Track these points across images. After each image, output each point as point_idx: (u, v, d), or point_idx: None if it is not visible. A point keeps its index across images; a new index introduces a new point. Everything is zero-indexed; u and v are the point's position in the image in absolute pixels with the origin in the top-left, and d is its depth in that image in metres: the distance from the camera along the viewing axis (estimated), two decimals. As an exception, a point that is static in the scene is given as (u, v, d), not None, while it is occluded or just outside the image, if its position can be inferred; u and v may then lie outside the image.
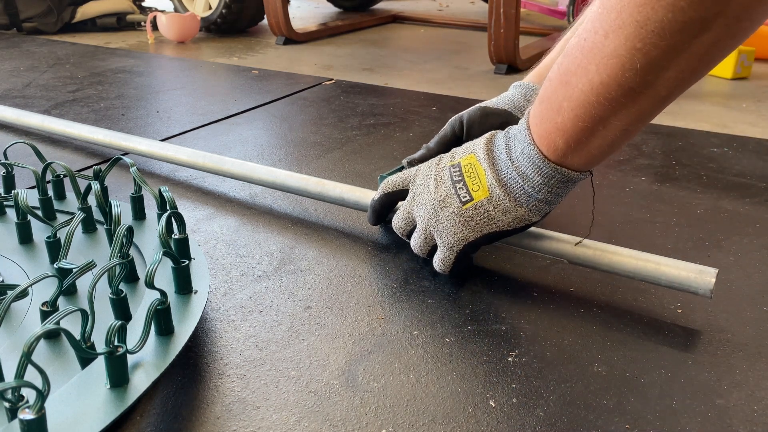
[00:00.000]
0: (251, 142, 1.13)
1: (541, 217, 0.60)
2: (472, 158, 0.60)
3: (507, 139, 0.58)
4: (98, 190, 0.64)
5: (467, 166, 0.60)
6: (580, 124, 0.50)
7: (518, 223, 0.59)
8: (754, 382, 0.52)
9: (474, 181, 0.59)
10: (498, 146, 0.59)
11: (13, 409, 0.40)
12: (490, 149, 0.59)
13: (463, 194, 0.60)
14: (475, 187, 0.59)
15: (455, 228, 0.61)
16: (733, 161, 1.04)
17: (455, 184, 0.60)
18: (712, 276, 0.58)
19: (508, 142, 0.58)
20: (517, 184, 0.57)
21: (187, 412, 0.48)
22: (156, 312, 0.49)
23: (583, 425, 0.47)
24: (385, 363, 0.54)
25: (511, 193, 0.58)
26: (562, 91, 0.50)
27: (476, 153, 0.60)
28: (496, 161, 0.58)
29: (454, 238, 0.61)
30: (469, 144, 0.63)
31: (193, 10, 2.52)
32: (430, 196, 0.62)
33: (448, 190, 0.61)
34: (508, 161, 0.57)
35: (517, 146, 0.56)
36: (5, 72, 1.72)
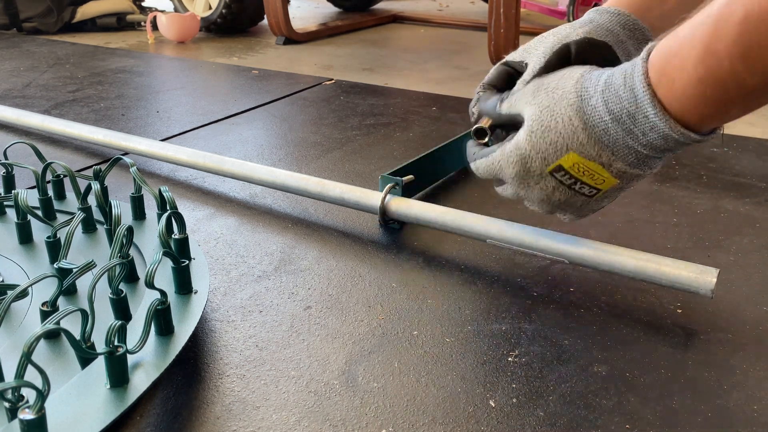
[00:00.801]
0: (251, 142, 1.13)
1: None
2: (574, 158, 0.48)
3: (612, 104, 0.44)
4: (98, 190, 0.64)
5: (574, 167, 0.48)
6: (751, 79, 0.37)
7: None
8: (754, 382, 0.52)
9: (594, 177, 0.49)
10: (604, 121, 0.45)
11: (13, 409, 0.40)
12: (595, 134, 0.46)
13: (587, 191, 0.50)
14: (599, 181, 0.49)
15: (589, 212, 0.55)
16: (733, 161, 1.04)
17: (570, 187, 0.51)
18: (713, 276, 0.58)
19: (618, 113, 0.44)
20: (643, 160, 0.47)
21: (187, 412, 0.48)
22: (156, 312, 0.49)
23: (583, 425, 0.47)
24: (385, 363, 0.54)
25: (641, 168, 0.48)
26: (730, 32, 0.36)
27: (578, 149, 0.47)
28: (613, 148, 0.46)
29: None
30: (549, 121, 0.48)
31: (193, 10, 2.52)
32: (544, 196, 0.52)
33: (565, 194, 0.51)
34: (628, 142, 0.45)
35: (638, 117, 0.43)
36: (5, 72, 1.72)
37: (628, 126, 0.44)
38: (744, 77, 0.37)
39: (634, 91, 0.43)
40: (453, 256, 0.72)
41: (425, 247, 0.74)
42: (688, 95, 0.40)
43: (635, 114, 0.43)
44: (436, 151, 0.89)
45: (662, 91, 0.42)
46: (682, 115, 0.42)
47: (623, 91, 0.44)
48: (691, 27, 0.39)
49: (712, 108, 0.41)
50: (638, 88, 0.42)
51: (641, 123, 0.43)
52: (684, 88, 0.40)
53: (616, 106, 0.44)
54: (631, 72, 0.43)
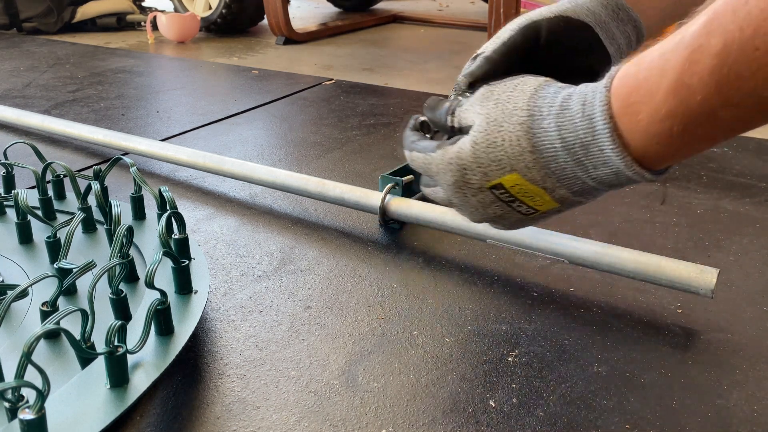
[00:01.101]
0: (251, 142, 1.13)
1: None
2: (517, 179, 0.44)
3: (566, 132, 0.41)
4: (98, 190, 0.64)
5: (515, 188, 0.45)
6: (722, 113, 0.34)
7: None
8: (755, 382, 0.52)
9: (534, 199, 0.46)
10: (554, 147, 0.42)
11: (13, 409, 0.40)
12: (542, 159, 0.42)
13: (524, 210, 0.48)
14: (539, 203, 0.46)
15: (522, 226, 0.51)
16: (733, 161, 1.04)
17: (508, 204, 0.47)
18: (714, 276, 0.58)
19: (571, 141, 0.41)
20: (588, 190, 0.44)
21: (187, 412, 0.48)
22: (156, 312, 0.49)
23: (583, 425, 0.47)
24: (385, 363, 0.54)
25: (585, 197, 0.46)
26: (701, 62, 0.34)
27: (523, 172, 0.44)
28: (560, 176, 0.43)
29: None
30: (495, 136, 0.44)
31: (193, 10, 2.52)
32: (480, 208, 0.49)
33: (501, 209, 0.48)
34: (576, 172, 0.42)
35: (592, 149, 0.40)
36: (5, 72, 1.72)
37: (579, 157, 0.41)
38: (716, 111, 0.34)
39: (593, 121, 0.39)
40: (453, 256, 0.72)
41: (425, 247, 0.74)
42: (652, 130, 0.37)
43: (589, 146, 0.40)
44: (436, 151, 0.89)
45: (625, 123, 0.38)
46: (641, 152, 0.39)
47: (580, 119, 0.40)
48: (661, 54, 0.36)
49: (675, 144, 0.37)
50: (597, 118, 0.39)
51: (594, 156, 0.40)
52: (649, 121, 0.37)
53: (570, 134, 0.40)
54: (592, 98, 0.39)
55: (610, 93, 0.38)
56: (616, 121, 0.38)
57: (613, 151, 0.39)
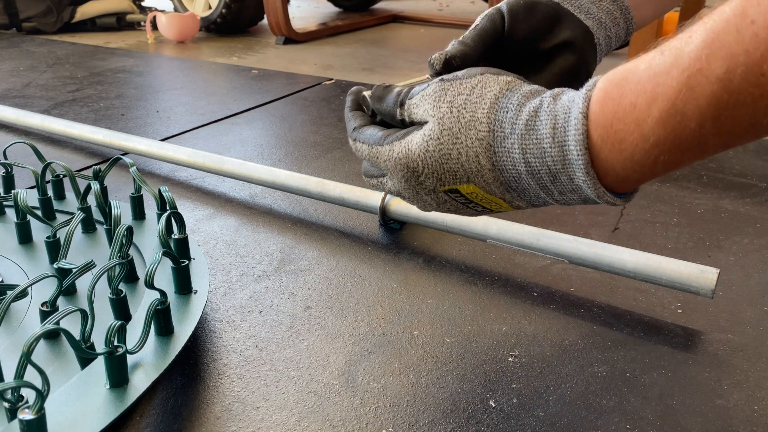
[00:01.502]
0: (251, 142, 1.13)
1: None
2: (474, 188, 0.41)
3: (532, 157, 0.37)
4: (98, 190, 0.64)
5: (472, 195, 0.42)
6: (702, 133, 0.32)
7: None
8: (755, 382, 0.52)
9: (490, 203, 0.43)
10: (517, 171, 0.38)
11: (13, 409, 0.40)
12: (503, 178, 0.39)
13: (480, 209, 0.45)
14: (495, 207, 0.43)
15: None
16: (734, 161, 1.04)
17: (463, 205, 0.44)
18: (714, 276, 0.58)
19: (537, 168, 0.37)
20: (543, 201, 0.41)
21: (187, 412, 0.48)
22: (156, 312, 0.49)
23: (583, 425, 0.47)
24: (385, 363, 0.54)
25: (542, 206, 0.42)
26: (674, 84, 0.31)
27: (481, 185, 0.40)
28: (521, 193, 0.40)
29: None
30: (450, 148, 0.40)
31: (193, 9, 2.52)
32: (432, 204, 0.45)
33: (455, 208, 0.45)
34: (540, 194, 0.39)
35: (561, 178, 0.37)
36: (5, 72, 1.72)
37: (545, 183, 0.37)
38: (708, 139, 0.32)
39: (565, 150, 0.35)
40: (453, 256, 0.72)
41: (425, 247, 0.74)
42: (636, 159, 0.34)
43: (558, 174, 0.36)
44: (436, 151, 0.89)
45: (605, 152, 0.34)
46: (617, 179, 0.35)
47: (549, 147, 0.36)
48: (651, 76, 0.32)
49: (657, 171, 0.34)
50: (571, 149, 0.35)
51: (563, 184, 0.37)
52: (633, 152, 0.33)
53: (536, 160, 0.37)
54: (564, 123, 0.35)
55: (588, 120, 0.34)
56: (594, 151, 0.35)
57: (586, 182, 0.35)
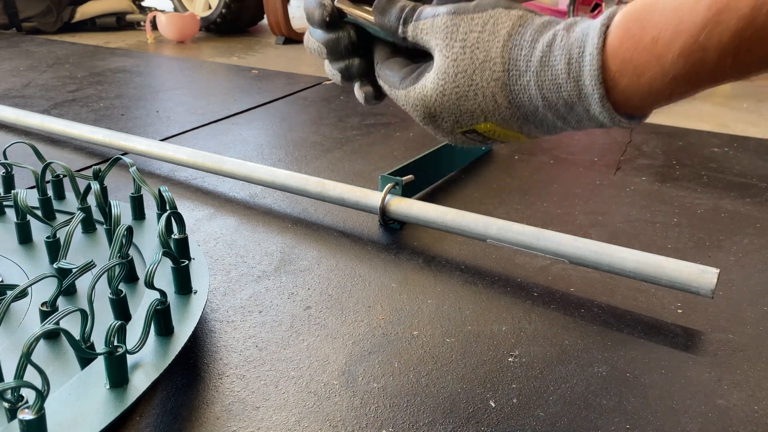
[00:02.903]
0: (251, 142, 1.13)
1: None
2: (492, 126, 0.42)
3: (548, 92, 0.38)
4: (98, 190, 0.64)
5: (489, 131, 0.43)
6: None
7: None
8: (755, 382, 0.52)
9: (506, 136, 0.43)
10: (534, 104, 0.39)
11: (13, 409, 0.40)
12: (521, 113, 0.40)
13: (492, 142, 0.45)
14: (511, 138, 0.43)
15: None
16: (734, 161, 1.04)
17: (480, 142, 0.45)
18: (714, 276, 0.58)
19: (553, 101, 0.38)
20: (560, 129, 0.41)
21: (187, 412, 0.48)
22: (156, 312, 0.49)
23: (583, 425, 0.47)
24: (385, 363, 0.54)
25: (551, 133, 0.42)
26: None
27: (499, 122, 0.41)
28: (538, 125, 0.41)
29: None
30: (466, 89, 0.40)
31: (193, 9, 2.52)
32: (449, 140, 0.45)
33: (471, 143, 0.45)
34: (557, 123, 0.40)
35: (577, 109, 0.38)
36: (5, 72, 1.72)
37: (562, 113, 0.38)
38: (726, 72, 0.33)
39: (580, 84, 0.36)
40: (453, 256, 0.72)
41: (425, 247, 0.74)
42: (654, 91, 0.35)
43: (575, 106, 0.37)
44: (436, 151, 0.89)
45: (623, 84, 0.35)
46: (633, 107, 0.36)
47: (564, 81, 0.37)
48: (674, 12, 0.33)
49: (673, 99, 0.35)
50: (586, 84, 0.36)
51: (579, 114, 0.38)
52: (652, 84, 0.34)
53: (553, 94, 0.37)
54: (578, 60, 0.36)
55: (605, 55, 0.35)
56: (611, 83, 0.35)
57: (602, 113, 0.36)
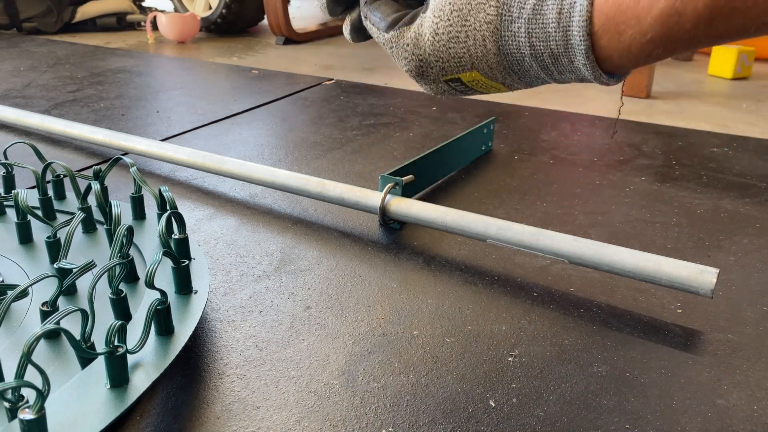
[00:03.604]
0: (251, 142, 1.13)
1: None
2: (476, 75, 0.43)
3: (536, 40, 0.39)
4: (98, 190, 0.64)
5: (473, 82, 0.44)
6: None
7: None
8: (755, 382, 0.52)
9: (488, 88, 0.44)
10: (521, 53, 0.40)
11: (13, 409, 0.40)
12: (507, 62, 0.41)
13: (473, 93, 0.46)
14: (492, 89, 0.45)
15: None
16: (733, 161, 1.04)
17: (461, 93, 0.46)
18: (713, 276, 0.58)
19: (540, 50, 0.39)
20: (542, 81, 0.42)
21: (187, 412, 0.48)
22: (156, 312, 0.49)
23: (583, 425, 0.47)
24: (385, 363, 0.54)
25: (532, 84, 0.43)
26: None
27: (484, 71, 0.42)
28: (522, 76, 0.42)
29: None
30: (458, 31, 0.41)
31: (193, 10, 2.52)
32: (430, 88, 0.47)
33: (452, 94, 0.46)
34: (540, 74, 0.41)
35: (562, 60, 0.39)
36: (5, 72, 1.72)
37: (547, 64, 0.40)
38: (699, 39, 0.35)
39: (568, 35, 0.37)
40: (453, 256, 0.72)
41: (425, 247, 0.74)
42: (633, 51, 0.37)
43: (560, 57, 0.39)
44: (436, 151, 0.89)
45: (604, 41, 0.37)
46: (613, 65, 0.38)
47: (554, 30, 0.38)
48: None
49: (650, 61, 0.37)
50: (574, 34, 0.37)
51: (563, 65, 0.39)
52: (631, 43, 0.36)
53: (541, 43, 0.39)
54: (569, 11, 0.37)
55: (592, 9, 0.37)
56: (594, 38, 0.37)
57: (585, 66, 0.38)
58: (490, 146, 1.08)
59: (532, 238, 0.66)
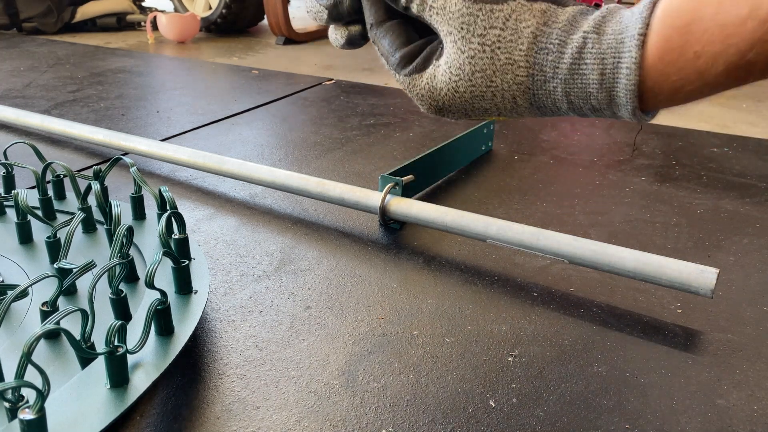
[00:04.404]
0: (251, 142, 1.13)
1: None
2: (502, 118, 0.40)
3: (576, 98, 0.36)
4: (98, 190, 0.64)
5: (497, 119, 0.41)
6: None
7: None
8: (754, 382, 0.52)
9: (506, 118, 0.41)
10: (557, 107, 0.38)
11: (13, 409, 0.40)
12: (539, 111, 0.39)
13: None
14: (509, 118, 0.42)
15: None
16: (733, 161, 1.04)
17: (481, 120, 0.41)
18: (713, 276, 0.58)
19: (579, 106, 0.37)
20: (567, 115, 0.39)
21: (187, 412, 0.48)
22: (156, 312, 0.49)
23: (583, 425, 0.47)
24: (385, 363, 0.54)
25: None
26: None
27: (510, 115, 0.40)
28: (553, 115, 0.39)
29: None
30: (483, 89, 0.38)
31: (193, 10, 2.52)
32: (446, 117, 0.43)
33: (471, 121, 0.42)
34: (570, 115, 0.38)
35: (604, 113, 0.36)
36: (5, 72, 1.72)
37: (584, 113, 0.37)
38: (760, 78, 0.31)
39: (613, 95, 0.34)
40: (453, 256, 0.72)
41: (425, 247, 0.74)
42: (688, 99, 0.34)
43: (602, 110, 0.36)
44: (436, 151, 0.89)
45: (654, 97, 0.34)
46: (657, 108, 0.35)
47: (596, 90, 0.35)
48: (721, 27, 0.30)
49: (700, 101, 0.35)
50: (620, 95, 0.34)
51: (603, 114, 0.37)
52: (687, 97, 0.33)
53: (581, 101, 0.36)
54: (613, 71, 0.34)
55: (644, 69, 0.33)
56: (644, 96, 0.34)
57: (630, 117, 0.35)
58: (490, 146, 1.08)
59: (532, 238, 0.66)
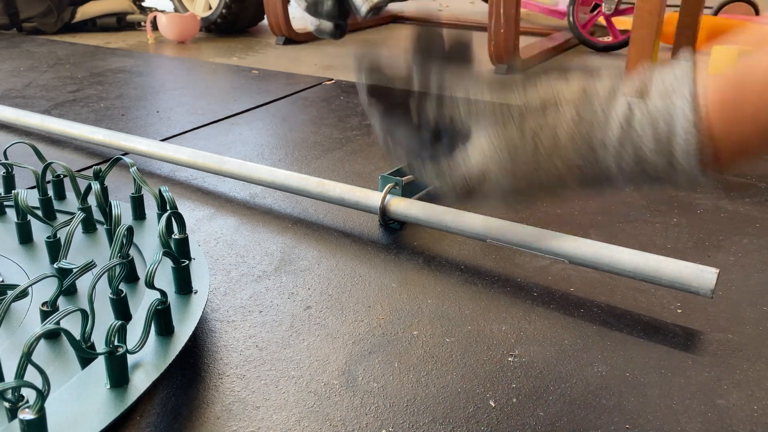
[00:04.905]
0: (251, 142, 1.13)
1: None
2: None
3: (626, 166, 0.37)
4: (98, 190, 0.64)
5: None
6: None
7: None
8: (754, 382, 0.52)
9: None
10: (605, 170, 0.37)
11: (13, 409, 0.40)
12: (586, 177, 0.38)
13: None
14: None
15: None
16: (733, 161, 1.04)
17: None
18: (713, 276, 0.58)
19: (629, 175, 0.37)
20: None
21: (187, 412, 0.48)
22: (156, 312, 0.49)
23: (583, 425, 0.47)
24: (385, 363, 0.54)
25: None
26: None
27: None
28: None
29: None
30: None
31: (193, 10, 2.52)
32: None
33: None
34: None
35: (662, 177, 0.37)
36: (5, 72, 1.72)
37: (638, 181, 0.38)
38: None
39: (671, 160, 0.37)
40: (453, 256, 0.72)
41: (425, 247, 0.74)
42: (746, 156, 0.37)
43: (659, 176, 0.38)
44: (436, 151, 0.89)
45: (722, 161, 0.37)
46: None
47: (651, 157, 0.37)
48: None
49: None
50: (680, 160, 0.37)
51: (659, 175, 0.38)
52: (750, 156, 0.37)
53: (632, 168, 0.37)
54: (668, 135, 0.36)
55: (699, 133, 0.35)
56: (706, 159, 0.37)
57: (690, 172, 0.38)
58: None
59: (532, 238, 0.66)
